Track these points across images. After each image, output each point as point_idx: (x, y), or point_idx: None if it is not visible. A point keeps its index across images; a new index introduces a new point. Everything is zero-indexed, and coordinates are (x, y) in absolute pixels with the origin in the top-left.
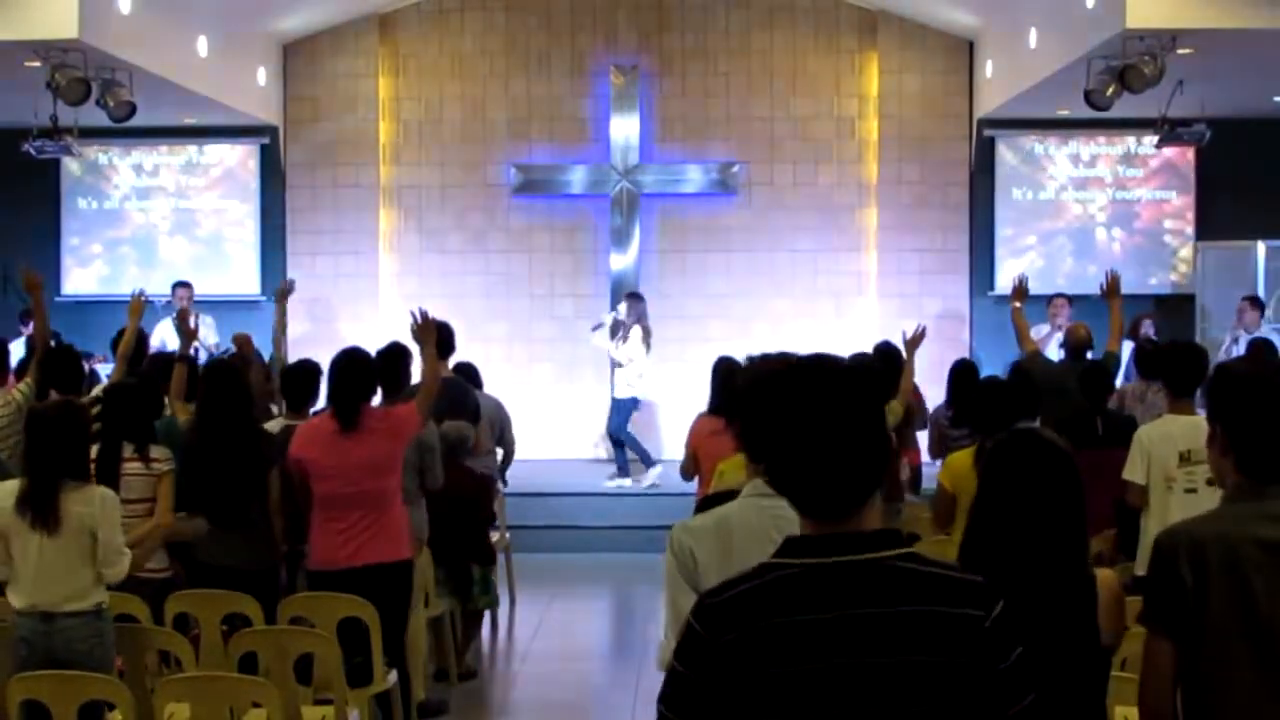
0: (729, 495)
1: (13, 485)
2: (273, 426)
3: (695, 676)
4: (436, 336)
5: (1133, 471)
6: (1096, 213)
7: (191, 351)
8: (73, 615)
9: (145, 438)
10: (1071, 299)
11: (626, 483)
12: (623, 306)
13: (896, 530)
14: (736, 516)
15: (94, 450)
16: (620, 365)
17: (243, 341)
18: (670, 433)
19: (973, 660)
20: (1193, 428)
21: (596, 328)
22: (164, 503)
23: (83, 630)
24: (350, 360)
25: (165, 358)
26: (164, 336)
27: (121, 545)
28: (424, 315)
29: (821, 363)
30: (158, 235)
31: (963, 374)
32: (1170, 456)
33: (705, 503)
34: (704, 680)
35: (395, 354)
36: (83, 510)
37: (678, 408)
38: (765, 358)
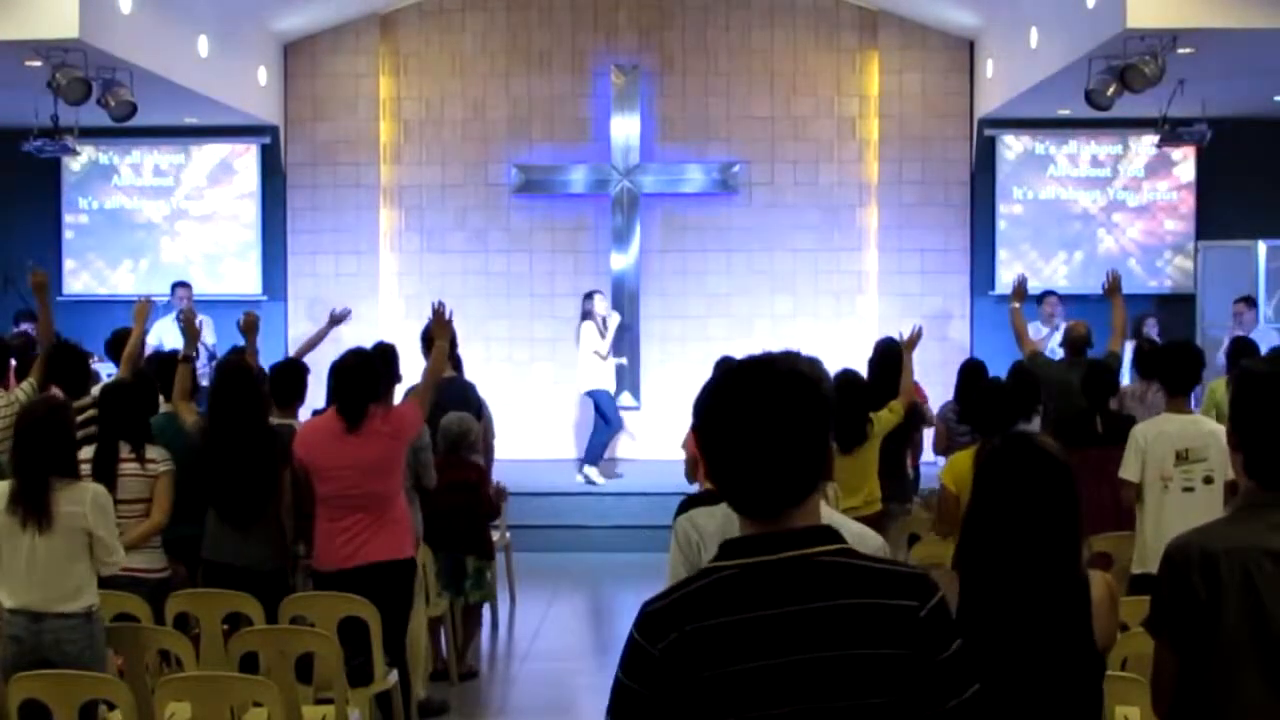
0: (712, 495)
1: (3, 487)
2: None
3: (639, 687)
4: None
5: (1127, 470)
6: (1097, 212)
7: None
8: (63, 617)
9: (141, 437)
10: (1063, 297)
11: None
12: (603, 303)
13: (829, 527)
14: None
15: (90, 450)
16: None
17: (250, 324)
18: (670, 432)
19: (910, 651)
20: (1190, 426)
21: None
22: (160, 502)
23: (72, 632)
24: (355, 360)
25: (166, 358)
26: (161, 336)
27: (116, 541)
28: (442, 308)
29: (756, 364)
30: (158, 235)
31: (970, 373)
32: (1167, 455)
33: (689, 502)
34: (647, 690)
35: (383, 354)
36: (73, 510)
37: (678, 408)
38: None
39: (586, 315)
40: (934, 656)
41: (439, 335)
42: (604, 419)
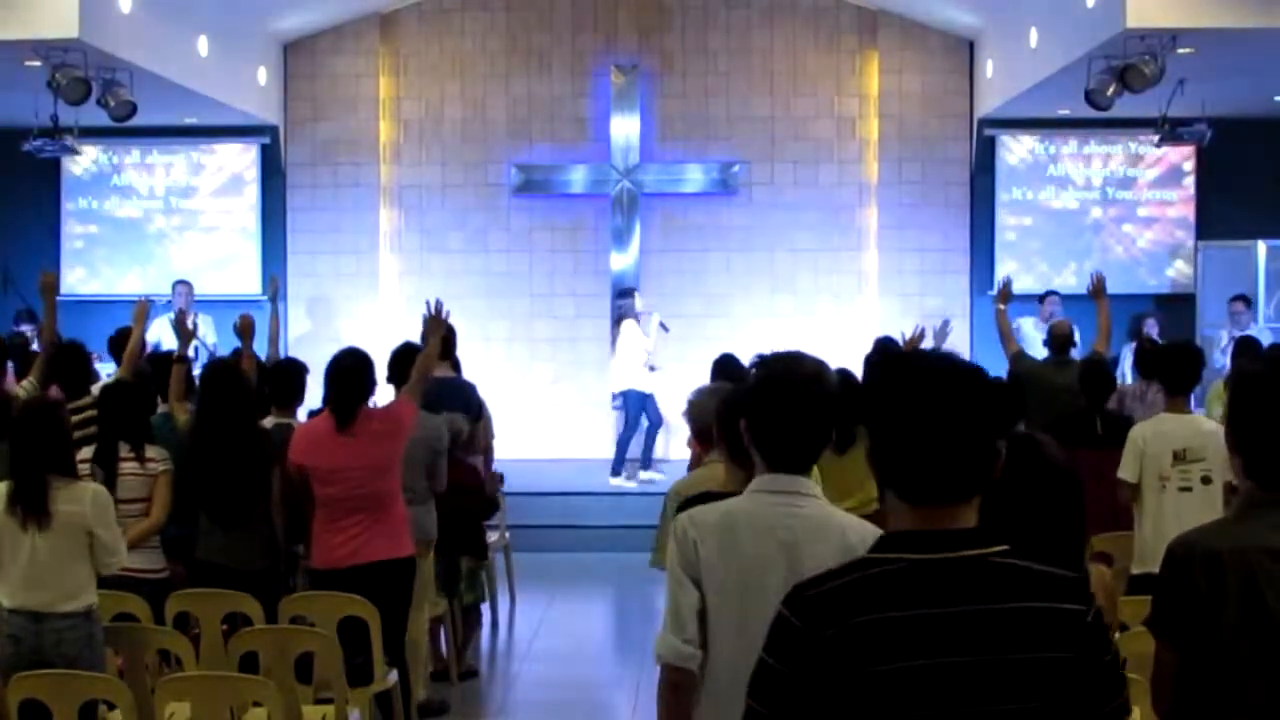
0: (710, 497)
1: (2, 487)
2: (265, 424)
3: (790, 671)
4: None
5: (1125, 470)
6: (1097, 212)
7: (191, 352)
8: (63, 616)
9: (141, 437)
10: (1064, 296)
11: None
12: (640, 301)
13: (992, 530)
14: (743, 511)
15: (90, 450)
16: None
17: (246, 327)
18: (670, 432)
19: (1077, 655)
20: (1188, 426)
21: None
22: (159, 501)
23: (72, 632)
24: (349, 360)
25: (163, 358)
26: (160, 335)
27: (118, 540)
28: (439, 307)
29: (943, 357)
30: (158, 235)
31: None
32: (1164, 455)
33: (688, 502)
34: (800, 675)
35: (407, 353)
36: (73, 509)
37: (677, 407)
38: (777, 356)
39: (625, 314)
40: (1097, 660)
41: (432, 333)
42: (626, 420)
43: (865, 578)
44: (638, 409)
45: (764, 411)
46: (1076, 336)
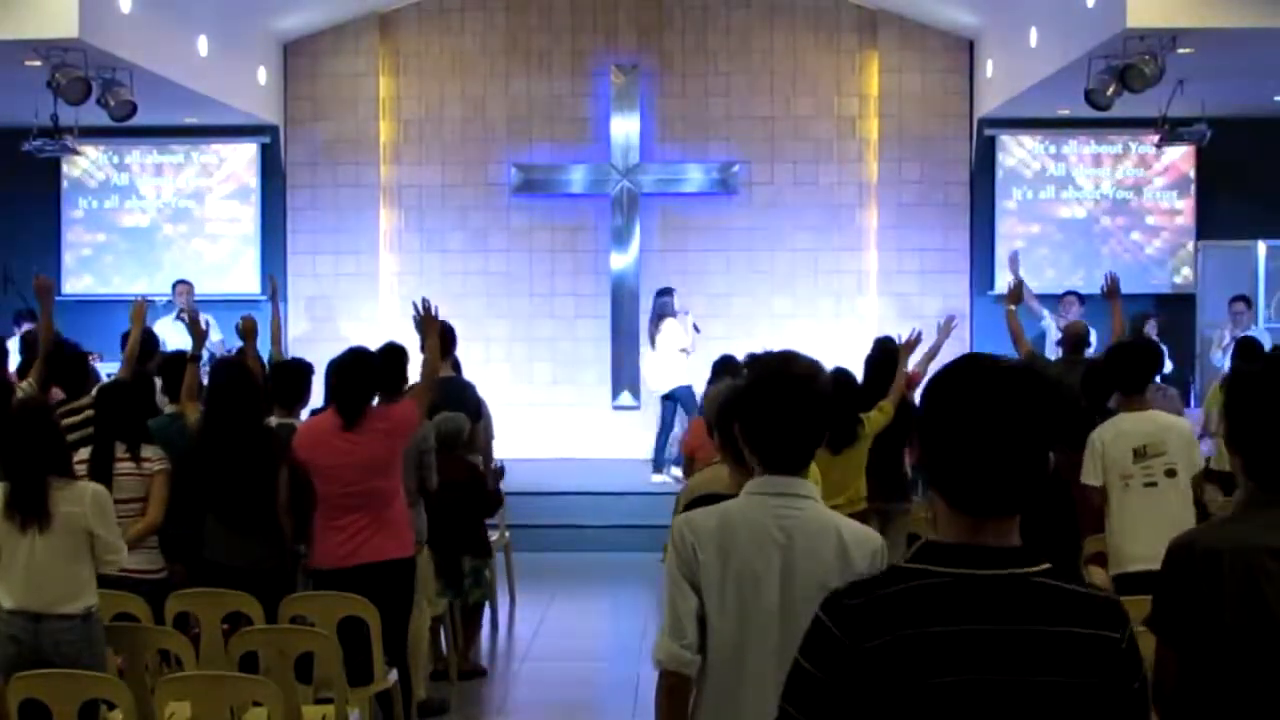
0: (714, 499)
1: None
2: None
3: (829, 679)
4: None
5: (1087, 474)
6: (1097, 213)
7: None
8: (61, 618)
9: (138, 437)
10: (1084, 298)
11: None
12: (678, 300)
13: (1035, 550)
14: (739, 514)
15: (87, 451)
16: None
17: (249, 328)
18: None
19: (1110, 681)
20: (1146, 423)
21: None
22: (155, 501)
23: (71, 634)
24: (355, 359)
25: (173, 357)
26: (164, 335)
27: (118, 540)
28: (427, 306)
29: (1021, 367)
30: (158, 235)
31: None
32: (1125, 455)
33: (694, 502)
34: (839, 684)
35: (393, 353)
36: (73, 510)
37: None
38: (769, 356)
39: (665, 313)
40: (1127, 687)
41: (428, 332)
42: (687, 414)
43: (909, 589)
44: (691, 403)
45: (756, 412)
46: (1093, 338)
